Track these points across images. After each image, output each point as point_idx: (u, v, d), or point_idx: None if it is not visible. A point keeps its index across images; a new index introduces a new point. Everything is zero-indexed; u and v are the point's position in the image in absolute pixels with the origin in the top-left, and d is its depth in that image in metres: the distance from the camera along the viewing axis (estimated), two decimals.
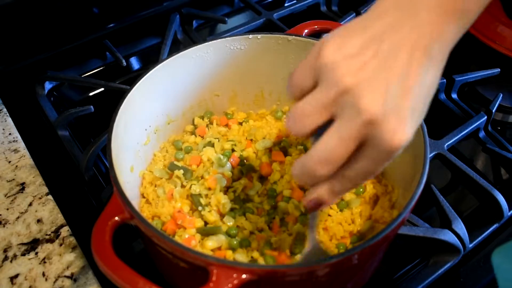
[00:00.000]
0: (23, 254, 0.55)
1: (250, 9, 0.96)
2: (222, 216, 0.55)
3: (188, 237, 0.52)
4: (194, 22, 0.92)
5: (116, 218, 0.44)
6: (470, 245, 0.59)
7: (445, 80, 0.78)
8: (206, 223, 0.54)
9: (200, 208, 0.54)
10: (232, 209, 0.55)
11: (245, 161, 0.61)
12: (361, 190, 0.57)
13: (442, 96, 0.79)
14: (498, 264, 0.42)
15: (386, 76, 0.36)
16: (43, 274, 0.54)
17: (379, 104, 0.35)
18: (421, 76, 0.36)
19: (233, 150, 0.61)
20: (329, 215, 0.55)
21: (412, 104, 0.36)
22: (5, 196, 0.61)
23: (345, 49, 0.37)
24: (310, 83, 0.39)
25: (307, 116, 0.38)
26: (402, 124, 0.36)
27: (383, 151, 0.36)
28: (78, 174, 0.66)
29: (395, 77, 0.36)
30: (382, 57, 0.36)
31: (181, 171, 0.57)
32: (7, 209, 0.60)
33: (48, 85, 0.81)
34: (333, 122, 0.37)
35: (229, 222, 0.54)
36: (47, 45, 0.82)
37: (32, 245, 0.56)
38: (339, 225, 0.54)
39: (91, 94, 0.82)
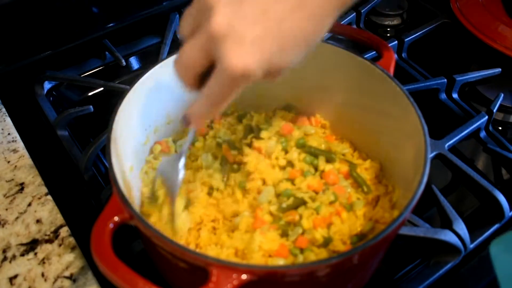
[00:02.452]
0: (22, 255, 0.55)
1: None
2: None
3: None
4: None
5: (116, 218, 0.44)
6: (471, 246, 0.59)
7: (445, 80, 0.78)
8: None
9: None
10: None
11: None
12: (365, 190, 0.56)
13: (443, 96, 0.79)
14: (495, 255, 0.42)
15: (247, 2, 0.37)
16: (42, 275, 0.53)
17: (224, 23, 0.36)
18: (282, 13, 0.37)
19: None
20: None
21: (259, 34, 0.37)
22: (4, 196, 0.61)
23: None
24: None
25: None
26: (240, 48, 0.36)
27: (225, 71, 0.38)
28: (77, 174, 0.66)
29: (253, 5, 0.37)
30: None
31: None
32: (6, 209, 0.59)
33: (47, 85, 0.81)
34: None
35: None
36: (46, 44, 0.82)
37: (31, 246, 0.56)
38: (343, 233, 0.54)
39: (90, 94, 0.82)
